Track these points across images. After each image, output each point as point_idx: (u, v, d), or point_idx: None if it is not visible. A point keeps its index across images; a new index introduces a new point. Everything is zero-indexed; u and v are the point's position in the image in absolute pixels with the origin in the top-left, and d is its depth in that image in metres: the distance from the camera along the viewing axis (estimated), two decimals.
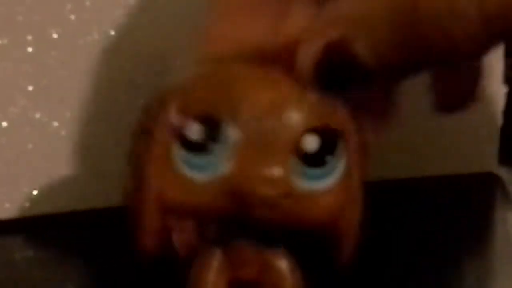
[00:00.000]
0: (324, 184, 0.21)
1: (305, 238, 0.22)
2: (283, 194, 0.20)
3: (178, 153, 0.20)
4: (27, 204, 0.33)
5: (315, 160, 0.21)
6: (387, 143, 0.30)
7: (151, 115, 0.21)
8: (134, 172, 0.22)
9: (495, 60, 0.36)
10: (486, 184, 0.36)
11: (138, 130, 0.22)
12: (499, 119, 0.38)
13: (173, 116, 0.20)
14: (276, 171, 0.20)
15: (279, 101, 0.20)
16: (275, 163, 0.20)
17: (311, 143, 0.20)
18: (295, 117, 0.20)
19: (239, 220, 0.21)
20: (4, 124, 0.33)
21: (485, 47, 0.19)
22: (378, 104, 0.24)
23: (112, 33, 0.33)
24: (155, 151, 0.21)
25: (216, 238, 0.22)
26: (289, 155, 0.20)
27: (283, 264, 0.22)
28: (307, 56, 0.20)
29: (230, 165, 0.20)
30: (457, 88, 0.25)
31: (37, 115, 0.33)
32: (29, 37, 0.32)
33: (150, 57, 0.34)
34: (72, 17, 0.33)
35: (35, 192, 0.33)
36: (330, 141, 0.21)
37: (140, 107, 0.23)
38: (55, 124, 0.33)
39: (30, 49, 0.32)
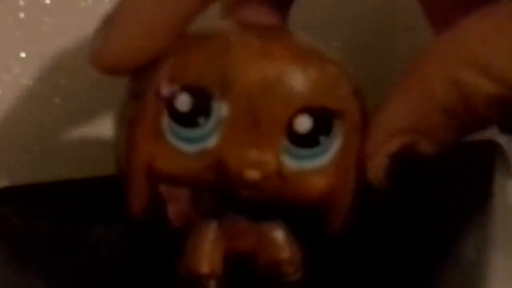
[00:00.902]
0: (316, 164, 0.20)
1: (300, 212, 0.21)
2: (269, 177, 0.20)
3: (167, 122, 0.20)
4: (18, 173, 0.33)
5: (307, 141, 0.20)
6: None
7: (143, 77, 0.21)
8: (124, 136, 0.21)
9: None
10: (486, 152, 0.36)
11: (127, 92, 0.22)
12: None
13: (163, 84, 0.20)
14: (264, 156, 0.20)
15: (273, 77, 0.19)
16: (264, 145, 0.20)
17: (303, 124, 0.20)
18: (287, 95, 0.20)
19: (229, 194, 0.21)
20: None
21: None
22: None
23: None
24: (146, 116, 0.20)
25: (211, 210, 0.22)
26: (279, 135, 0.20)
27: (279, 235, 0.22)
28: (378, 168, 0.20)
29: (218, 140, 0.20)
30: None
31: (30, 83, 0.33)
32: (21, 3, 0.31)
33: None
34: None
35: (27, 161, 0.33)
36: (325, 121, 0.20)
37: None
38: (49, 91, 0.33)
39: (22, 15, 0.32)
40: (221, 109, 0.20)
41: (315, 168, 0.20)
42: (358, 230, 0.23)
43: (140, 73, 0.21)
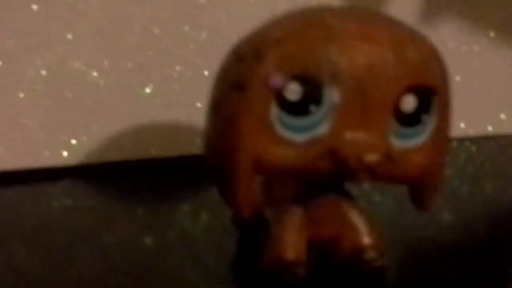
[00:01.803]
0: (417, 142, 0.21)
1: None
2: (384, 159, 0.20)
3: (276, 113, 0.20)
4: (65, 153, 0.33)
5: (412, 120, 0.20)
6: None
7: (243, 65, 0.20)
8: (226, 129, 0.21)
9: None
10: None
11: (226, 82, 0.21)
12: None
13: (272, 75, 0.19)
14: (375, 138, 0.20)
15: (377, 60, 0.20)
16: (376, 126, 0.20)
17: (409, 103, 0.20)
18: (393, 77, 0.20)
19: (335, 181, 0.21)
20: (43, 72, 0.32)
21: None
22: None
23: None
24: (252, 109, 0.20)
25: (297, 196, 0.22)
26: (388, 116, 0.20)
27: (360, 218, 0.22)
28: None
29: (329, 126, 0.20)
30: None
31: (76, 64, 0.33)
32: None
33: (195, 7, 0.34)
34: None
35: (73, 142, 0.33)
36: (426, 99, 0.21)
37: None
38: (94, 73, 0.33)
39: None
40: (332, 95, 0.20)
41: (417, 146, 0.21)
42: None
43: (238, 64, 0.21)
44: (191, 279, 0.23)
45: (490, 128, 0.40)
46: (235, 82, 0.20)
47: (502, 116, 0.40)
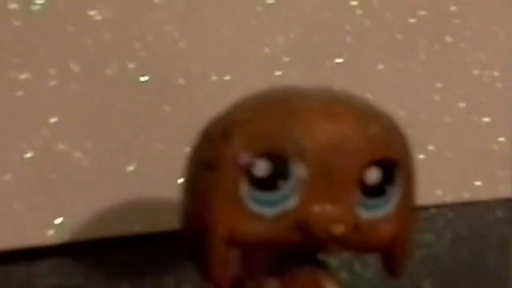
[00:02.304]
0: (383, 212, 0.21)
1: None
2: (352, 230, 0.20)
3: (246, 189, 0.20)
4: (50, 232, 0.33)
5: (376, 191, 0.21)
6: None
7: (213, 145, 0.21)
8: (198, 207, 0.21)
9: None
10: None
11: (198, 162, 0.22)
12: None
13: (240, 153, 0.20)
14: (343, 210, 0.20)
15: (338, 136, 0.20)
16: (341, 200, 0.20)
17: (373, 176, 0.21)
18: (356, 151, 0.20)
19: (302, 250, 0.21)
20: (28, 154, 0.33)
21: None
22: None
23: (132, 65, 0.34)
24: (222, 186, 0.20)
25: (273, 268, 0.22)
26: (353, 188, 0.21)
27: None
28: None
29: (297, 200, 0.20)
30: None
31: (60, 146, 0.33)
32: (51, 71, 0.33)
33: (174, 88, 0.35)
34: (92, 51, 0.33)
35: (58, 221, 0.33)
36: (389, 171, 0.21)
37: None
38: (78, 154, 0.34)
39: (52, 83, 0.33)
40: (298, 171, 0.20)
41: (383, 215, 0.21)
42: None
43: (208, 144, 0.21)
44: None
45: (466, 195, 0.40)
46: (205, 162, 0.21)
47: (477, 182, 0.41)
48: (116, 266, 0.32)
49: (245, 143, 0.20)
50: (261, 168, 0.20)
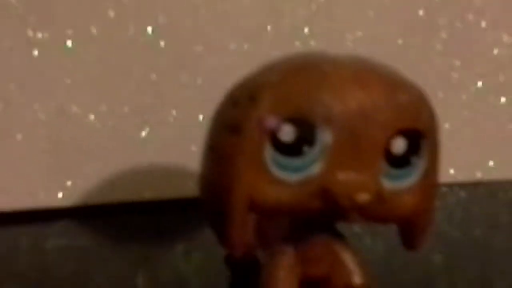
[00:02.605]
0: (407, 183, 0.21)
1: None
2: (375, 200, 0.21)
3: (270, 154, 0.20)
4: (60, 195, 0.33)
5: (401, 161, 0.21)
6: None
7: (239, 107, 0.21)
8: (221, 170, 0.21)
9: None
10: None
11: (223, 123, 0.22)
12: None
13: (267, 117, 0.20)
14: (367, 178, 0.21)
15: (369, 104, 0.20)
16: (367, 167, 0.21)
17: (399, 146, 0.21)
18: (384, 120, 0.20)
19: (326, 220, 0.22)
20: (42, 116, 0.33)
21: None
22: None
23: (150, 30, 0.34)
24: (247, 149, 0.20)
25: (289, 236, 0.23)
26: (379, 157, 0.21)
27: (350, 257, 0.22)
28: None
29: (322, 166, 0.20)
30: None
31: (74, 108, 0.34)
32: (69, 32, 0.33)
33: (192, 55, 0.35)
34: (111, 14, 0.33)
35: (68, 183, 0.33)
36: (415, 142, 0.21)
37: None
38: (91, 117, 0.34)
39: (69, 44, 0.33)
40: (325, 137, 0.20)
41: (407, 187, 0.21)
42: None
43: (233, 107, 0.21)
44: None
45: (479, 175, 0.40)
46: (230, 125, 0.21)
47: (491, 163, 0.41)
48: (125, 231, 0.33)
49: (272, 107, 0.20)
50: (287, 132, 0.20)
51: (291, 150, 0.20)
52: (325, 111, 0.20)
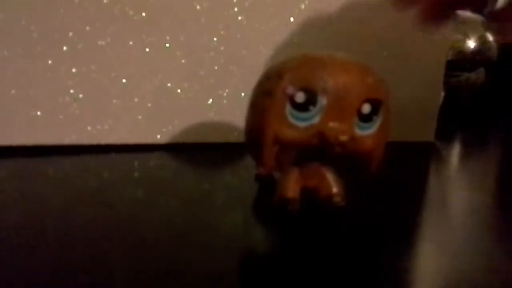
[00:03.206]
0: (369, 132, 0.25)
1: (347, 162, 0.25)
2: (350, 139, 0.24)
3: (289, 109, 0.24)
4: (158, 136, 0.37)
5: (366, 118, 0.24)
6: None
7: (270, 81, 0.24)
8: (258, 119, 0.24)
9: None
10: (424, 152, 0.40)
11: (260, 91, 0.25)
12: (439, 100, 0.41)
13: (288, 86, 0.24)
14: (346, 127, 0.24)
15: (349, 82, 0.24)
16: (346, 120, 0.24)
17: (366, 109, 0.24)
18: (358, 92, 0.24)
19: (320, 152, 0.24)
20: (150, 88, 0.37)
21: None
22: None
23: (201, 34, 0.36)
24: (274, 106, 0.24)
25: (296, 162, 0.26)
26: (353, 115, 0.24)
27: (332, 176, 0.26)
28: None
29: (319, 118, 0.24)
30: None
31: (169, 84, 0.37)
32: (167, 37, 0.37)
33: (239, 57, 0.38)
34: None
35: (164, 129, 0.38)
36: (376, 107, 0.24)
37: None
38: (178, 90, 0.37)
39: (167, 45, 0.36)
40: (322, 100, 0.24)
41: (369, 134, 0.25)
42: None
43: (267, 81, 0.24)
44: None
45: None
46: (265, 91, 0.24)
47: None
48: (193, 161, 0.35)
49: (291, 81, 0.24)
50: (300, 97, 0.24)
51: (302, 107, 0.23)
52: (323, 85, 0.23)
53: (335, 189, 0.26)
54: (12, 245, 0.22)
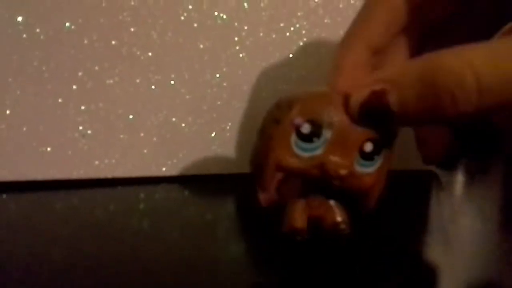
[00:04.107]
0: (370, 170, 0.25)
1: (351, 196, 0.25)
2: (349, 174, 0.24)
3: (294, 139, 0.24)
4: (164, 169, 0.38)
5: (368, 157, 0.25)
6: None
7: (280, 111, 0.25)
8: (264, 145, 0.25)
9: None
10: (425, 181, 0.39)
11: (269, 119, 0.25)
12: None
13: (296, 117, 0.24)
14: (347, 162, 0.24)
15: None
16: (348, 156, 0.24)
17: (368, 147, 0.24)
18: (362, 131, 0.24)
19: (320, 183, 0.24)
20: (156, 122, 0.37)
21: (481, 114, 0.20)
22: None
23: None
24: (281, 134, 0.24)
25: (301, 192, 0.26)
26: (355, 151, 0.24)
27: (337, 207, 0.27)
28: (357, 99, 0.23)
29: (322, 150, 0.24)
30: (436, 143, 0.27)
31: (173, 119, 0.37)
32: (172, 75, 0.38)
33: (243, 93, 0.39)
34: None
35: (169, 162, 0.38)
36: (379, 147, 0.25)
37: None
38: (183, 125, 0.38)
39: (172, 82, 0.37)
40: (327, 134, 0.24)
41: (369, 172, 0.25)
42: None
43: (278, 110, 0.24)
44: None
45: None
46: (274, 119, 0.25)
47: None
48: (197, 191, 0.36)
49: (300, 112, 0.24)
50: (306, 128, 0.24)
51: (306, 138, 0.24)
52: (329, 119, 0.24)
53: (339, 218, 0.26)
54: (20, 277, 0.22)
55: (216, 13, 0.38)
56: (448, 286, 0.23)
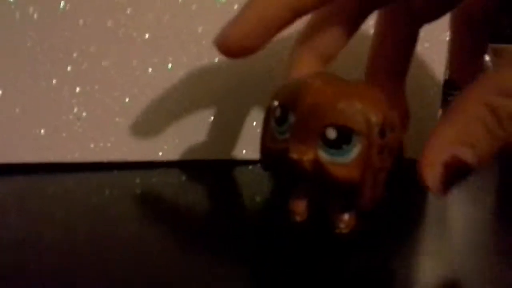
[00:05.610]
0: (343, 160, 0.24)
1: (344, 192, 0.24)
2: (309, 159, 0.24)
3: (272, 123, 0.25)
4: (160, 153, 0.38)
5: (333, 144, 0.24)
6: None
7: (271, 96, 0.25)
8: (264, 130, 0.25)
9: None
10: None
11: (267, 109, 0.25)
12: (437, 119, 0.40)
13: (272, 104, 0.25)
14: (307, 148, 0.24)
15: (317, 104, 0.24)
16: (309, 142, 0.24)
17: (331, 134, 0.24)
18: (323, 116, 0.24)
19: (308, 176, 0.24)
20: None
21: None
22: None
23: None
24: (266, 118, 0.26)
25: (301, 189, 0.26)
26: (317, 137, 0.24)
27: (339, 207, 0.26)
28: (435, 176, 0.21)
29: (289, 135, 0.25)
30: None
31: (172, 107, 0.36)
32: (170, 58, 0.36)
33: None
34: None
35: (165, 147, 0.38)
36: (346, 134, 0.23)
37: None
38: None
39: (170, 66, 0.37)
40: (291, 118, 0.24)
41: (342, 163, 0.24)
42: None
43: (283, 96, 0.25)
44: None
45: None
46: (269, 107, 0.26)
47: None
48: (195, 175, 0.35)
49: (275, 97, 0.26)
50: (277, 111, 0.25)
51: (278, 122, 0.26)
52: (293, 103, 0.25)
53: (340, 219, 0.27)
54: (13, 262, 0.22)
55: None
56: (445, 274, 0.23)
